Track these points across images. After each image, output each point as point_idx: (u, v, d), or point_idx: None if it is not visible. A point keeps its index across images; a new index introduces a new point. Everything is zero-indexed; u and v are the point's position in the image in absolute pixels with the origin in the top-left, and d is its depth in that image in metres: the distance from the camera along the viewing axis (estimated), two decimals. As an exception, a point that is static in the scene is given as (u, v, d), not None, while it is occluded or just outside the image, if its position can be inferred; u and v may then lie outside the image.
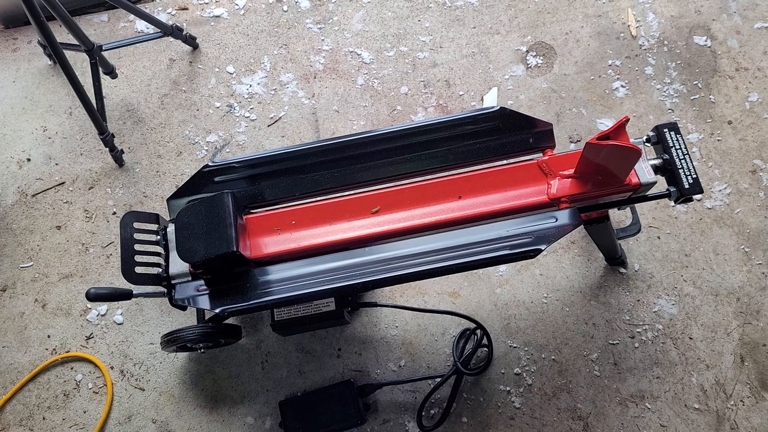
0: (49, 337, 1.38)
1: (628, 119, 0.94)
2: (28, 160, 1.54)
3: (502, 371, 1.29)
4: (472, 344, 1.27)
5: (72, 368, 1.36)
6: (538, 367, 1.28)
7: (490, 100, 1.51)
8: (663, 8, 1.57)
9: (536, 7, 1.60)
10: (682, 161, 1.02)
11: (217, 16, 1.65)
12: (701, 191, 1.00)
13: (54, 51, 1.26)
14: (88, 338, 1.37)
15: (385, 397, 1.28)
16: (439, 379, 1.25)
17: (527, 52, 1.56)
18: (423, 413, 1.25)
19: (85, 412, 1.32)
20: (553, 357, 1.29)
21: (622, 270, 1.34)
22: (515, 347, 1.30)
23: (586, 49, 1.54)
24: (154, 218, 1.09)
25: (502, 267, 1.36)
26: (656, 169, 1.03)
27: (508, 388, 1.27)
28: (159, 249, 1.07)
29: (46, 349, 1.37)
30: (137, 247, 1.05)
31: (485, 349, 1.28)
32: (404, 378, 1.29)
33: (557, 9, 1.59)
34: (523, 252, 0.97)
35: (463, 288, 1.35)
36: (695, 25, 1.55)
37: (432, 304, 1.35)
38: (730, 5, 1.56)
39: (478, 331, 1.27)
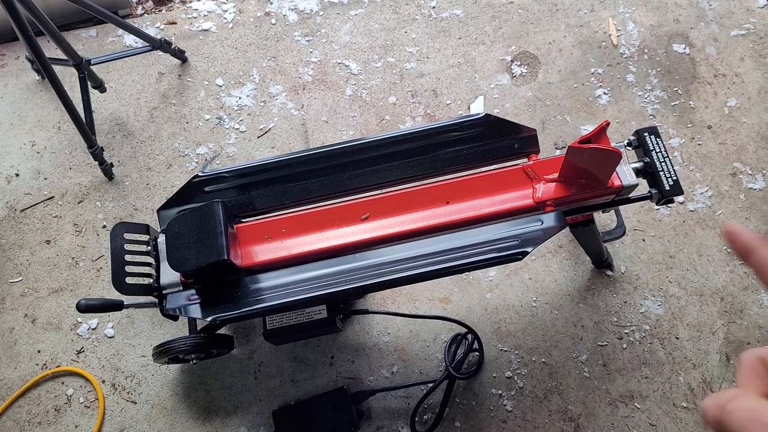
0: (39, 352, 1.37)
1: (609, 123, 0.96)
2: (17, 175, 1.54)
3: (494, 375, 1.30)
4: (463, 349, 1.28)
5: (63, 383, 1.35)
6: (529, 369, 1.30)
7: (477, 109, 1.53)
8: (642, 18, 1.61)
9: (520, 18, 1.63)
10: (663, 164, 1.04)
11: (205, 30, 1.67)
12: (681, 192, 1.03)
13: (43, 66, 1.27)
14: (79, 352, 1.37)
15: (379, 403, 1.29)
16: (431, 385, 1.26)
17: (512, 61, 1.59)
18: (416, 419, 1.25)
19: (76, 427, 1.31)
20: (543, 360, 1.30)
21: (609, 272, 1.36)
22: (506, 351, 1.31)
23: (569, 58, 1.58)
24: (145, 229, 1.10)
25: (492, 272, 1.38)
26: (638, 172, 1.05)
27: (499, 392, 1.29)
28: (150, 259, 1.08)
29: (37, 365, 1.36)
30: (128, 257, 1.05)
31: (476, 353, 1.29)
32: (397, 384, 1.29)
33: (540, 19, 1.63)
34: (510, 255, 0.99)
35: (454, 293, 1.37)
36: (674, 34, 1.59)
37: (423, 310, 1.36)
38: (707, 14, 1.60)
39: (469, 336, 1.28)
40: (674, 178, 1.04)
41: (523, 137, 1.10)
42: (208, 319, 1.02)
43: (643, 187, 1.06)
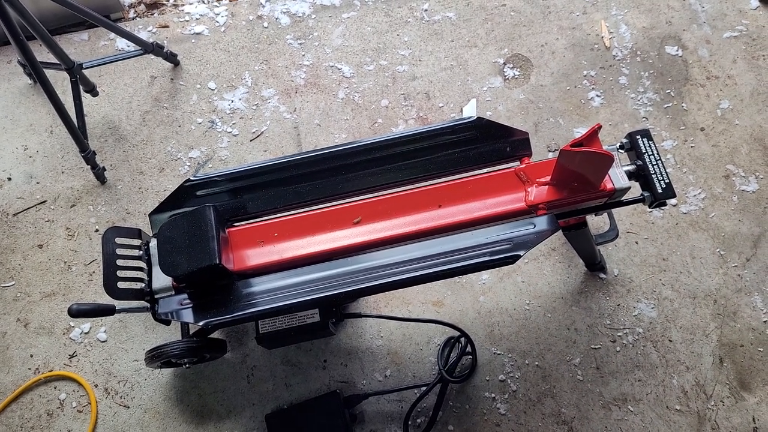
0: (31, 356, 1.37)
1: (600, 126, 0.96)
2: (9, 179, 1.53)
3: (487, 378, 1.30)
4: (456, 352, 1.28)
5: (55, 387, 1.34)
6: (522, 373, 1.30)
7: (470, 112, 1.54)
8: (635, 20, 1.61)
9: (512, 21, 1.64)
10: (655, 166, 1.04)
11: (197, 33, 1.67)
12: (674, 195, 1.03)
13: (34, 70, 1.27)
14: (72, 357, 1.36)
15: (372, 407, 1.29)
16: (424, 388, 1.25)
17: (504, 64, 1.59)
18: (409, 422, 1.25)
19: (68, 432, 1.31)
20: (536, 363, 1.30)
21: (602, 275, 1.36)
22: (499, 354, 1.31)
23: (561, 61, 1.58)
24: (136, 233, 1.09)
25: (485, 275, 1.38)
26: (630, 175, 1.05)
27: (493, 395, 1.28)
28: (142, 264, 1.07)
29: (29, 369, 1.36)
30: (120, 262, 1.05)
31: (469, 356, 1.29)
32: (390, 388, 1.29)
33: (532, 22, 1.63)
34: (503, 258, 0.99)
35: (447, 297, 1.36)
36: (666, 36, 1.59)
37: (416, 313, 1.36)
38: (700, 16, 1.61)
39: (462, 339, 1.28)
40: (667, 180, 1.04)
41: (515, 140, 1.10)
42: (201, 323, 1.01)
43: (635, 189, 1.06)
